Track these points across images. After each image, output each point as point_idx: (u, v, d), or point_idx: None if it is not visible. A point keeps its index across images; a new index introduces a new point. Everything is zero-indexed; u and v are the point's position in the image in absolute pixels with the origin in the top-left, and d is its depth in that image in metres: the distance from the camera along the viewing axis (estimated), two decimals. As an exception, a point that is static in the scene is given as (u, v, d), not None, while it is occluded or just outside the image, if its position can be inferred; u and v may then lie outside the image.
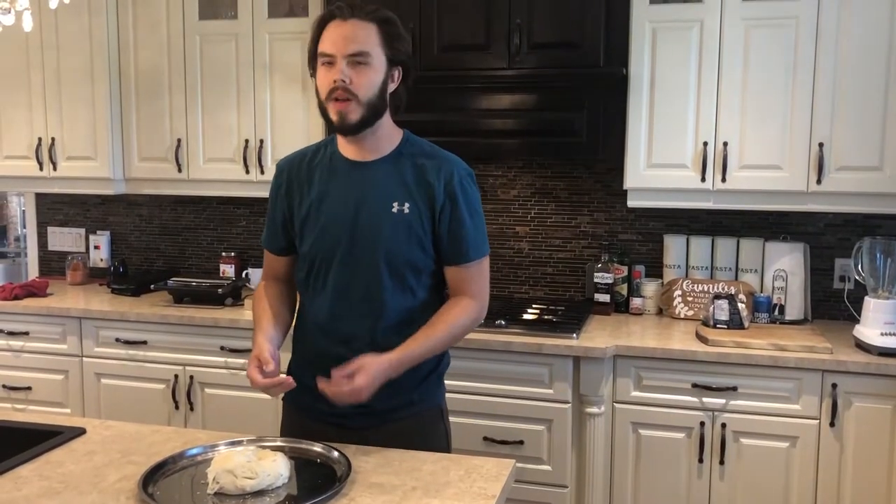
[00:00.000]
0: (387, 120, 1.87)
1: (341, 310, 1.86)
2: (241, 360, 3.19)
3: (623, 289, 3.32)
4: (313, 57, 1.83)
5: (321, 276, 1.88)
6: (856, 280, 3.03)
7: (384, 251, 1.83)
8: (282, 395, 1.82)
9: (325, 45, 1.78)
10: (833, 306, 3.21)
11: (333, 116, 1.80)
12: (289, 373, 1.99)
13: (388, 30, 1.81)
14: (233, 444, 1.71)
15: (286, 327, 1.97)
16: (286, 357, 1.98)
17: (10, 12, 2.06)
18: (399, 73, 1.85)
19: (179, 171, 3.56)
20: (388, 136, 1.89)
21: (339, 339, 1.86)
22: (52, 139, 3.65)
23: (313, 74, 1.84)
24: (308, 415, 1.91)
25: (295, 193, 1.92)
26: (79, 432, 1.83)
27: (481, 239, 1.91)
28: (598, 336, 2.90)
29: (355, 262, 1.84)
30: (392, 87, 1.85)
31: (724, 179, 2.94)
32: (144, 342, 3.33)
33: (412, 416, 1.90)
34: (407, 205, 1.84)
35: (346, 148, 1.90)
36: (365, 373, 1.70)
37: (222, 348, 3.24)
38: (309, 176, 1.91)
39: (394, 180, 1.86)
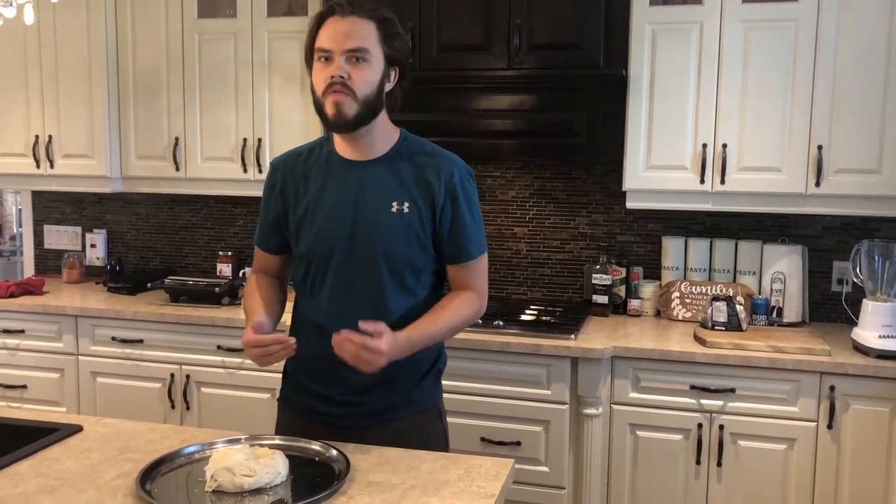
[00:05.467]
0: (383, 119, 1.85)
1: (341, 310, 1.84)
2: (238, 360, 3.18)
3: (621, 290, 3.31)
4: (310, 53, 1.80)
5: (319, 276, 1.86)
6: (854, 283, 3.03)
7: (383, 251, 1.82)
8: (283, 360, 1.78)
9: (323, 41, 1.76)
10: (831, 309, 3.21)
11: (329, 110, 1.77)
12: (285, 374, 1.99)
13: (386, 28, 1.80)
14: (231, 441, 1.71)
15: (278, 319, 1.95)
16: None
17: (11, 5, 2.05)
18: (396, 72, 1.84)
19: (177, 169, 3.56)
20: (384, 135, 1.87)
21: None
22: (49, 137, 3.64)
23: (310, 71, 1.82)
24: (305, 416, 1.90)
25: (290, 193, 1.90)
26: (76, 429, 1.82)
27: (481, 237, 1.91)
28: (596, 337, 2.89)
29: (354, 263, 1.83)
30: (389, 86, 1.83)
31: (722, 181, 2.94)
32: (141, 341, 3.32)
33: (410, 416, 1.89)
34: (406, 204, 1.82)
35: (342, 147, 1.88)
36: (388, 338, 1.67)
37: (219, 347, 3.23)
38: (304, 175, 1.89)
39: (392, 180, 1.84)
